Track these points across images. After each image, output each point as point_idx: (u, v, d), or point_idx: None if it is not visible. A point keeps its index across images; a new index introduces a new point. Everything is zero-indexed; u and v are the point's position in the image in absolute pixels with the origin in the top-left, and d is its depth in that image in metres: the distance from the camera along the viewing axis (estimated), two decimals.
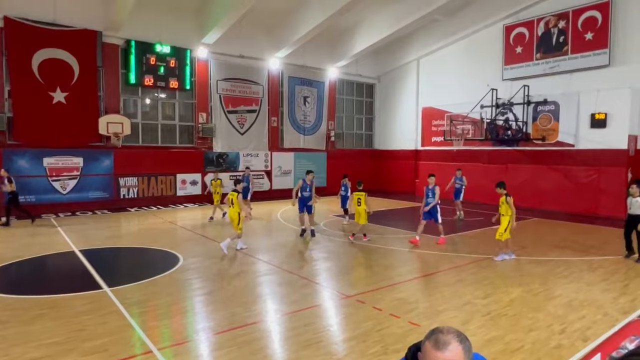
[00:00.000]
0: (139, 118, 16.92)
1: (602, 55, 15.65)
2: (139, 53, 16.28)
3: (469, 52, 19.95)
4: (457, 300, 6.42)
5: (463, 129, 18.64)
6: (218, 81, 18.53)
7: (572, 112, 16.03)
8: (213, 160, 18.51)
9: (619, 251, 9.68)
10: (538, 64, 17.47)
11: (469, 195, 19.22)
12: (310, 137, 21.77)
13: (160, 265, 8.28)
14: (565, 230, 12.48)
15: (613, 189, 14.94)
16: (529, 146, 17.31)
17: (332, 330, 5.41)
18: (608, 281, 7.46)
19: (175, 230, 12.23)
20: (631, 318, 5.58)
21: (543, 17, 17.21)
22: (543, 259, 8.96)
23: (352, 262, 8.91)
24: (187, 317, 5.92)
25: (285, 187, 20.36)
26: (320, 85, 22.01)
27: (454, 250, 9.83)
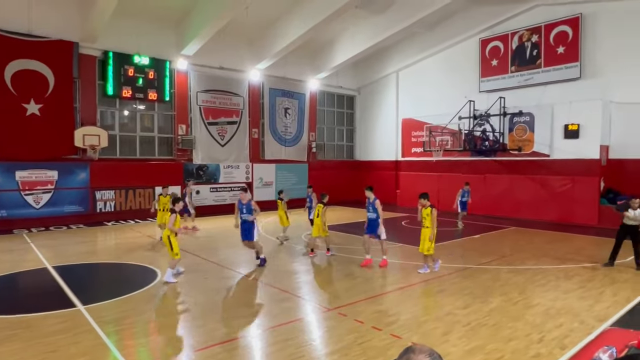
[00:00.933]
0: (116, 130, 16.63)
1: (574, 68, 16.20)
2: (117, 64, 16.07)
3: (447, 64, 20.39)
4: (438, 311, 6.44)
5: (442, 139, 18.95)
6: (198, 93, 18.42)
7: (547, 123, 16.49)
8: (193, 173, 18.30)
9: (594, 259, 9.91)
10: (513, 77, 17.97)
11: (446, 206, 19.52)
12: (291, 148, 21.77)
13: (137, 281, 8.08)
14: (542, 239, 12.72)
15: (587, 198, 15.36)
16: (506, 156, 17.69)
17: (314, 344, 5.35)
18: (584, 289, 7.61)
19: (153, 245, 11.98)
20: (603, 328, 5.69)
21: (517, 32, 17.76)
22: (521, 268, 9.10)
23: (333, 275, 8.87)
24: (165, 334, 5.77)
25: (267, 199, 20.21)
26: (301, 96, 22.10)
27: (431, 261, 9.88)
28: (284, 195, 12.55)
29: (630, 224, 8.92)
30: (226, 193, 19.25)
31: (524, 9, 17.45)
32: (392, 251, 11.02)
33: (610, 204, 15.05)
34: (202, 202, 18.49)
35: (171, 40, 17.21)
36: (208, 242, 12.36)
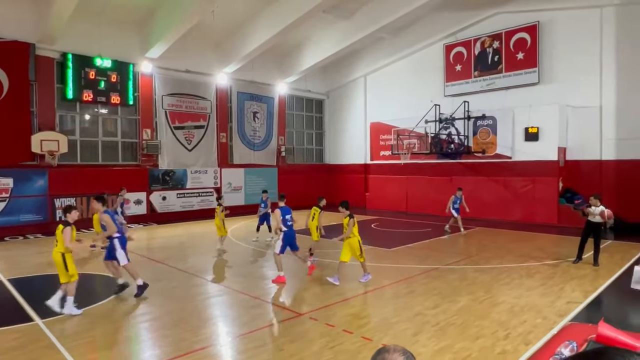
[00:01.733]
0: (77, 135, 16.00)
1: (532, 74, 16.89)
2: (77, 67, 15.49)
3: (413, 69, 20.81)
4: (408, 312, 6.53)
5: (409, 143, 19.30)
6: (163, 96, 18.00)
7: (508, 126, 17.09)
8: (159, 178, 17.84)
9: (555, 256, 10.33)
10: (476, 81, 18.54)
11: (415, 207, 19.90)
12: (260, 152, 21.60)
13: (100, 292, 7.78)
14: (506, 239, 13.14)
15: (546, 198, 16.01)
16: (470, 159, 18.20)
17: (286, 350, 5.30)
18: (545, 285, 7.90)
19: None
20: (564, 323, 5.92)
21: (479, 38, 18.35)
22: (487, 267, 9.36)
23: (304, 279, 8.83)
24: (130, 346, 5.57)
25: (236, 204, 19.98)
26: (269, 100, 22.00)
27: (404, 262, 10.03)
28: (223, 200, 11.76)
29: (594, 221, 9.35)
30: (194, 199, 18.87)
31: (485, 16, 18.06)
32: None
33: (567, 203, 15.75)
34: (169, 208, 18.05)
35: (134, 43, 16.75)
36: (175, 250, 12.05)
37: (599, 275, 8.64)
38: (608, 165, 15.39)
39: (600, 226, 9.44)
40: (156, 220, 17.36)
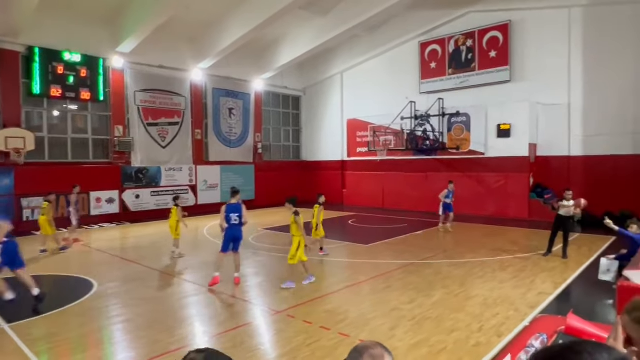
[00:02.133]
0: (44, 132, 15.45)
1: (504, 72, 17.28)
2: (44, 61, 14.94)
3: (389, 66, 20.98)
4: (384, 307, 6.59)
5: (386, 139, 19.47)
6: (136, 92, 17.56)
7: (481, 123, 17.45)
8: (132, 176, 17.43)
9: (526, 249, 10.62)
10: (450, 79, 18.84)
11: (392, 203, 20.12)
12: (236, 149, 21.38)
13: (70, 294, 7.53)
14: (480, 233, 13.44)
15: (518, 193, 16.45)
16: (445, 155, 18.51)
17: (263, 348, 5.27)
18: (517, 278, 8.13)
19: (89, 254, 11.26)
20: (534, 315, 6.11)
21: (453, 36, 18.64)
22: (461, 261, 9.55)
23: (282, 276, 8.79)
24: (103, 348, 5.43)
25: (212, 202, 19.73)
26: (245, 97, 21.77)
27: (381, 257, 10.12)
28: (180, 201, 11.04)
29: (564, 215, 9.66)
30: (168, 197, 18.49)
31: (458, 15, 18.35)
32: (338, 250, 11.16)
33: (538, 198, 16.22)
34: (143, 207, 17.67)
35: (105, 36, 16.25)
36: (149, 249, 11.80)
37: (568, 267, 8.94)
38: (576, 161, 15.93)
39: (570, 220, 9.77)
40: (129, 219, 16.97)
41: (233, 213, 7.99)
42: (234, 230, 7.98)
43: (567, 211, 9.62)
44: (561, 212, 9.70)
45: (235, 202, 8.11)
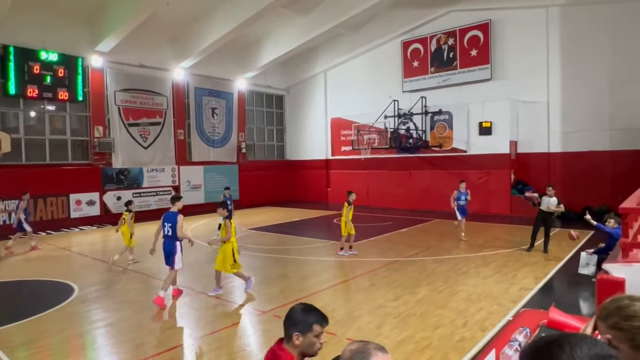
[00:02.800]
0: (21, 133, 15.04)
1: (485, 70, 17.53)
2: (20, 60, 14.54)
3: (372, 65, 21.06)
4: (370, 305, 6.62)
5: (369, 138, 19.55)
6: (116, 92, 17.24)
7: (463, 121, 17.67)
8: (113, 177, 17.11)
9: (508, 245, 10.81)
10: (433, 77, 19.02)
11: (376, 201, 20.22)
12: (220, 149, 21.19)
13: (50, 299, 7.35)
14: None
15: (500, 189, 16.72)
16: (428, 153, 18.69)
17: (249, 349, 5.24)
18: (500, 273, 8.26)
19: (69, 257, 11.02)
20: (517, 309, 6.22)
21: (435, 35, 18.82)
22: (445, 258, 9.66)
23: (268, 276, 8.76)
24: (85, 354, 5.32)
25: (196, 202, 19.52)
26: (228, 96, 21.59)
27: (366, 256, 10.17)
28: (132, 206, 10.27)
29: (545, 211, 9.85)
30: (151, 198, 18.25)
31: (439, 14, 18.54)
32: (323, 249, 11.17)
33: (519, 194, 16.51)
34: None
35: (83, 35, 15.90)
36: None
37: (548, 261, 9.13)
38: (555, 157, 16.27)
39: (551, 216, 9.97)
40: (111, 221, 16.63)
41: (167, 222, 7.08)
42: (165, 242, 7.09)
43: (548, 207, 9.83)
44: (542, 208, 9.90)
45: (175, 210, 7.17)
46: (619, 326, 1.38)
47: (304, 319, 2.20)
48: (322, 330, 2.20)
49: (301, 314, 2.22)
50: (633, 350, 1.34)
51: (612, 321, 1.41)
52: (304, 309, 2.26)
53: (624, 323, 1.38)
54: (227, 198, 12.93)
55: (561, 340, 0.96)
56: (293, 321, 2.21)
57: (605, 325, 1.43)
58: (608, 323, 1.42)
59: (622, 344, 1.36)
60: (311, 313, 2.22)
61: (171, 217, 7.06)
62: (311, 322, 2.18)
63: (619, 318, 1.40)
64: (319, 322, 2.19)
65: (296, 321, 2.21)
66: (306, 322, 2.19)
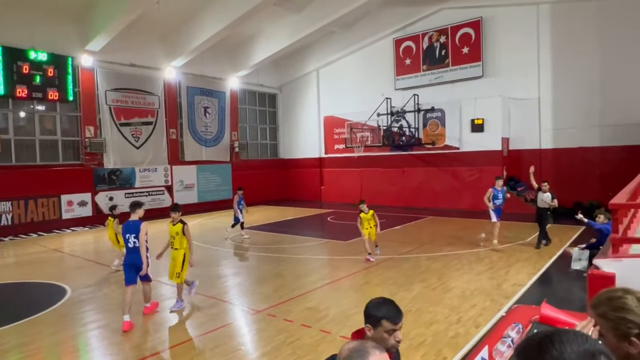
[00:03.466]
0: (10, 134, 14.86)
1: (477, 68, 17.61)
2: (8, 60, 14.35)
3: (365, 63, 21.07)
4: (364, 303, 6.59)
5: (362, 136, 19.57)
6: (107, 91, 17.08)
7: (456, 118, 17.74)
8: (105, 178, 16.97)
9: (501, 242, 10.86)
10: (425, 75, 19.07)
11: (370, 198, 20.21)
12: (212, 148, 21.09)
13: (42, 301, 7.29)
14: (456, 226, 13.69)
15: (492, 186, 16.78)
16: (421, 150, 18.75)
17: (244, 349, 5.23)
18: (493, 269, 8.32)
19: (62, 259, 10.93)
20: (510, 305, 6.27)
21: (427, 32, 18.86)
22: (439, 255, 9.71)
23: (262, 275, 8.75)
24: (79, 356, 5.29)
25: (189, 202, 19.44)
26: (221, 95, 21.49)
27: (361, 254, 10.18)
28: (117, 210, 9.79)
29: (542, 207, 9.95)
30: (143, 198, 18.10)
31: (431, 12, 18.58)
32: (318, 247, 11.18)
33: (511, 190, 16.62)
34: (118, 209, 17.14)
35: (73, 34, 15.73)
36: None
37: (540, 257, 9.20)
38: (546, 153, 16.40)
39: (547, 211, 10.06)
40: (103, 222, 16.42)
41: (129, 233, 6.28)
42: (131, 255, 6.31)
43: (543, 203, 9.93)
44: (539, 204, 10.02)
45: (136, 218, 6.39)
46: (605, 315, 1.46)
47: (374, 313, 2.15)
48: (394, 327, 2.12)
49: (373, 307, 2.18)
50: (616, 339, 1.41)
51: (600, 310, 1.48)
52: (378, 302, 2.21)
53: (610, 313, 1.45)
54: (241, 198, 13.00)
55: (552, 337, 0.97)
56: (366, 313, 2.18)
57: (594, 313, 1.50)
58: (597, 311, 1.49)
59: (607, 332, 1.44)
60: (382, 307, 2.17)
61: (133, 227, 6.29)
62: (380, 317, 2.12)
63: (607, 308, 1.46)
64: (388, 317, 2.12)
65: (368, 314, 2.17)
66: (376, 316, 2.14)
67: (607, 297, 1.51)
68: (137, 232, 6.25)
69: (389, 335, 2.11)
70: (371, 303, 2.22)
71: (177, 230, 6.82)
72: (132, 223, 6.34)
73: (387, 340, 2.11)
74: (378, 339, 2.10)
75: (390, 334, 2.11)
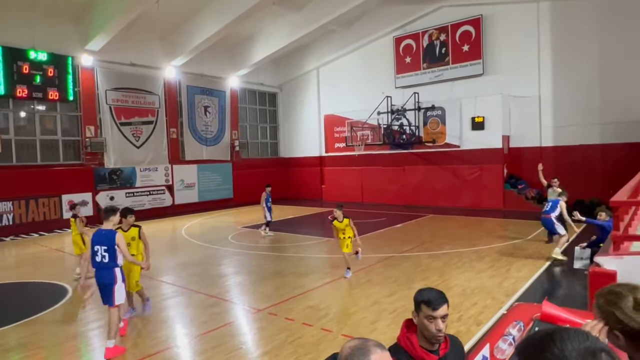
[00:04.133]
0: (11, 134, 14.86)
1: (477, 65, 17.58)
2: (8, 60, 14.34)
3: (365, 61, 21.05)
4: (365, 301, 6.64)
5: (363, 134, 19.56)
6: (107, 91, 17.08)
7: (456, 116, 17.73)
8: (105, 177, 16.98)
9: (502, 239, 10.88)
10: (425, 73, 19.04)
11: (370, 197, 20.26)
12: (213, 147, 21.09)
13: (43, 300, 7.29)
14: (457, 224, 13.68)
15: (493, 184, 16.81)
16: (422, 149, 18.74)
17: (245, 348, 5.24)
18: (494, 267, 8.32)
19: (63, 258, 10.93)
20: (511, 303, 6.27)
21: (427, 30, 18.83)
22: (439, 253, 9.71)
23: (263, 274, 8.75)
24: (79, 356, 5.29)
25: (189, 201, 19.47)
26: (221, 94, 21.48)
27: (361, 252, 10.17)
28: (78, 210, 8.90)
29: None
30: (144, 197, 18.14)
31: (431, 10, 18.54)
32: (318, 246, 11.18)
33: (512, 188, 16.63)
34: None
35: (72, 34, 15.72)
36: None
37: (541, 255, 9.19)
38: (547, 151, 16.38)
39: None
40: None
41: (99, 245, 5.15)
42: (99, 273, 5.25)
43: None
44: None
45: (110, 227, 5.28)
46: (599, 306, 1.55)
47: (416, 297, 2.12)
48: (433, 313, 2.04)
49: (417, 292, 2.15)
50: None
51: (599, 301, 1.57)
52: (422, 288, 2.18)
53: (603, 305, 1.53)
54: (269, 195, 13.01)
55: (554, 335, 0.97)
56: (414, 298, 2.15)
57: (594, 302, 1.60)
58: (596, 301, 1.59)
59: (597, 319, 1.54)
60: (424, 292, 2.13)
61: (106, 237, 5.15)
62: (420, 301, 2.09)
63: (604, 300, 1.55)
64: (426, 302, 2.06)
65: (414, 298, 2.14)
66: (417, 300, 2.11)
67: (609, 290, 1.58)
68: (109, 244, 5.13)
69: (429, 322, 2.06)
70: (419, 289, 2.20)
71: (132, 236, 6.18)
72: (105, 233, 5.17)
73: (429, 327, 2.07)
74: (421, 326, 2.10)
75: (431, 321, 2.06)
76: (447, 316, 2.10)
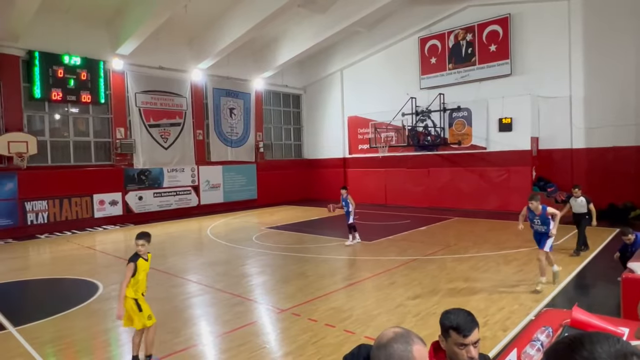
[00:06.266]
0: (46, 135, 15.49)
1: (505, 65, 17.21)
2: (44, 65, 14.95)
3: (389, 62, 20.92)
4: (389, 304, 6.60)
5: (387, 136, 19.43)
6: (137, 94, 17.58)
7: (483, 117, 17.39)
8: (134, 178, 17.46)
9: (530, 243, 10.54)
10: (451, 74, 18.77)
11: (394, 199, 20.09)
12: (238, 149, 21.39)
13: (76, 296, 7.57)
14: (483, 228, 13.42)
15: (521, 186, 16.38)
16: (447, 150, 18.47)
17: (268, 347, 5.29)
18: (522, 272, 8.12)
19: (94, 256, 11.31)
20: (539, 308, 6.10)
21: (453, 31, 18.57)
22: (465, 256, 9.54)
23: (286, 275, 8.81)
24: (109, 350, 5.46)
25: (214, 202, 19.79)
26: (246, 96, 21.77)
27: (385, 254, 10.13)
28: None
29: (578, 212, 9.61)
30: (171, 198, 18.56)
31: (457, 10, 18.27)
32: (341, 247, 11.17)
33: (541, 191, 16.17)
34: (146, 208, 17.70)
35: (104, 39, 16.28)
36: (153, 250, 11.83)
37: (572, 260, 8.92)
38: (578, 153, 15.86)
39: (584, 216, 9.64)
40: (133, 220, 17.02)
41: None
42: None
43: (578, 209, 9.57)
44: (574, 210, 9.67)
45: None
46: None
47: (443, 321, 1.92)
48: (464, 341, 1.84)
49: (443, 315, 1.95)
50: None
51: None
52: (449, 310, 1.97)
53: None
54: (345, 199, 11.59)
55: (583, 338, 0.96)
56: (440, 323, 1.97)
57: None
58: None
59: None
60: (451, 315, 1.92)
61: None
62: (447, 326, 1.90)
63: None
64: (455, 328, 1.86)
65: (440, 323, 1.96)
66: (444, 324, 1.91)
67: None
68: None
69: (460, 350, 1.87)
70: (445, 311, 2.00)
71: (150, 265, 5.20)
72: None
73: (460, 356, 1.88)
74: (451, 353, 1.90)
75: (461, 348, 1.86)
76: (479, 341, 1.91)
